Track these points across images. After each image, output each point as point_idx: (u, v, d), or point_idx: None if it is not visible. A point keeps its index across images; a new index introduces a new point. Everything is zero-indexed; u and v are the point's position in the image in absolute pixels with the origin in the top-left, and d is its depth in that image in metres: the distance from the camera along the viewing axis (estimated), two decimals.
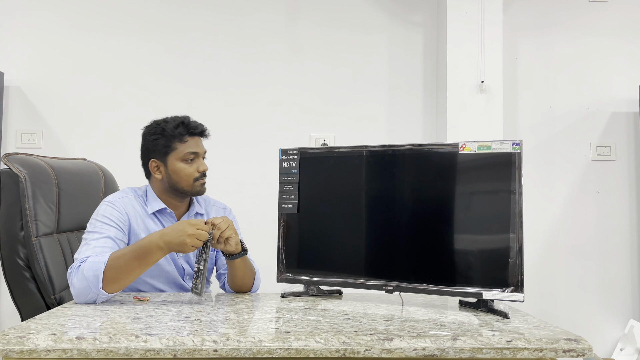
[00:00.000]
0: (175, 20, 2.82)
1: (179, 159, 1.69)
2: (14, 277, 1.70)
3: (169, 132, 1.69)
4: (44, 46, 2.78)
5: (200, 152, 1.73)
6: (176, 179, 1.70)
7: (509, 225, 1.38)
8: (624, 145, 2.89)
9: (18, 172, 1.72)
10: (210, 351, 1.09)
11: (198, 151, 1.71)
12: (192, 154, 1.70)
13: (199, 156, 1.72)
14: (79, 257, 1.51)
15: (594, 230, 2.88)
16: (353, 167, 1.57)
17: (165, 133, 1.70)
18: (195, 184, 1.71)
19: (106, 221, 1.62)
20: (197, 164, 1.71)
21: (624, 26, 2.91)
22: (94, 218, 1.63)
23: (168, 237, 1.46)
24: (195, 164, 1.71)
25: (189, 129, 1.70)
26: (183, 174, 1.69)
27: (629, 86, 2.88)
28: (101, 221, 1.62)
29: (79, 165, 2.05)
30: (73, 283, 1.45)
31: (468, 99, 2.67)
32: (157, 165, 1.72)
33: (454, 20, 2.69)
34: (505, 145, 1.41)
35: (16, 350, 1.08)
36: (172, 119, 1.73)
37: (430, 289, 1.45)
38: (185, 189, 1.71)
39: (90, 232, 1.59)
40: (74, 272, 1.46)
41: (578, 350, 1.11)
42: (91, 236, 1.58)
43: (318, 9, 2.87)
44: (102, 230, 1.59)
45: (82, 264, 1.46)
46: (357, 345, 1.11)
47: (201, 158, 1.73)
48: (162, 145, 1.70)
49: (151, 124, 1.75)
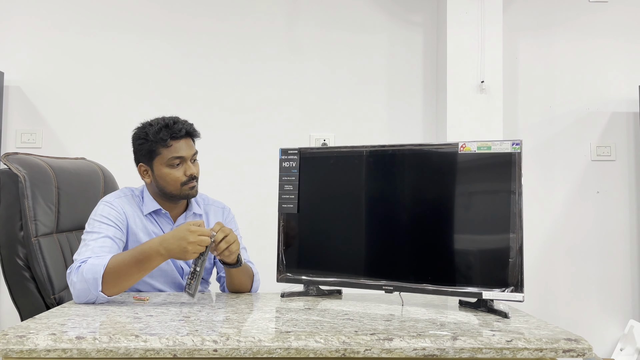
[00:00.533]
0: (176, 21, 2.82)
1: (164, 164, 1.65)
2: (14, 277, 1.70)
3: (152, 138, 1.64)
4: (44, 46, 2.78)
5: (187, 156, 1.66)
6: (163, 184, 1.67)
7: (509, 225, 1.38)
8: (624, 145, 2.89)
9: (17, 172, 1.72)
10: (210, 351, 1.09)
11: (184, 155, 1.65)
12: (177, 159, 1.64)
13: (186, 160, 1.66)
14: (79, 258, 1.50)
15: (593, 230, 2.88)
16: (353, 167, 1.57)
17: (148, 138, 1.65)
18: (184, 188, 1.67)
19: (104, 221, 1.61)
20: (184, 168, 1.66)
21: (624, 26, 2.91)
22: (92, 218, 1.63)
23: (168, 244, 1.42)
24: (182, 168, 1.66)
25: (171, 132, 1.63)
26: (169, 179, 1.65)
27: (629, 86, 2.88)
28: (99, 221, 1.61)
29: (78, 165, 2.04)
30: (73, 283, 1.45)
31: (468, 99, 2.67)
32: (145, 170, 1.69)
33: (454, 20, 2.69)
34: (505, 145, 1.41)
35: (16, 350, 1.08)
36: (156, 121, 1.66)
37: (430, 289, 1.45)
38: (173, 193, 1.67)
39: (89, 232, 1.59)
40: (73, 272, 1.46)
41: (578, 350, 1.11)
42: (90, 236, 1.57)
43: (318, 9, 2.87)
44: (100, 230, 1.58)
45: (82, 265, 1.46)
46: (357, 345, 1.11)
47: (189, 161, 1.67)
48: (146, 150, 1.66)
49: (138, 128, 1.70)
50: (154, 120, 1.68)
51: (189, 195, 1.69)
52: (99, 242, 1.55)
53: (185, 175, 1.66)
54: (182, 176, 1.66)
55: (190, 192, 1.68)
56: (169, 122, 1.65)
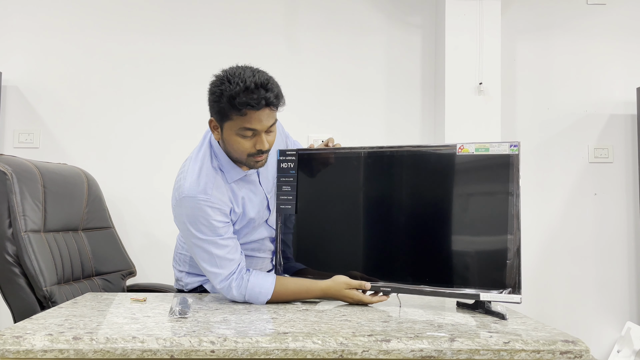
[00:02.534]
0: (174, 22, 2.82)
1: (234, 131, 1.48)
2: (4, 274, 1.71)
3: (226, 101, 1.44)
4: (42, 46, 2.78)
5: (261, 129, 1.47)
6: (229, 148, 1.53)
7: (507, 227, 1.38)
8: (622, 147, 2.90)
9: (4, 170, 1.74)
10: (208, 352, 1.09)
11: (257, 128, 1.46)
12: (249, 131, 1.46)
13: (259, 133, 1.47)
14: (223, 272, 1.52)
15: (591, 232, 2.88)
16: (351, 168, 1.57)
17: (222, 98, 1.45)
18: (249, 159, 1.52)
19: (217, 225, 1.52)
20: (255, 141, 1.48)
21: (622, 29, 2.91)
22: (201, 223, 1.50)
23: (330, 295, 1.53)
24: (253, 140, 1.48)
25: (248, 101, 1.41)
26: (237, 147, 1.50)
27: (626, 88, 2.89)
28: (214, 225, 1.52)
29: (62, 167, 2.09)
30: (233, 297, 1.54)
31: (466, 101, 2.68)
32: (215, 126, 1.54)
33: (452, 22, 2.70)
34: (503, 147, 1.41)
35: (12, 351, 1.08)
36: (236, 79, 1.43)
37: (428, 290, 1.45)
38: (239, 159, 1.55)
39: (205, 240, 1.52)
40: (234, 289, 1.52)
41: (575, 352, 1.11)
42: (212, 247, 1.52)
43: (316, 10, 2.87)
44: (221, 233, 1.53)
45: (240, 282, 1.52)
46: (355, 346, 1.11)
47: (262, 134, 1.48)
48: (218, 109, 1.47)
49: (216, 79, 1.49)
50: (234, 76, 1.45)
51: (254, 167, 1.56)
52: (224, 249, 1.54)
53: (255, 148, 1.50)
54: (251, 148, 1.50)
55: (256, 165, 1.54)
56: (249, 85, 1.42)
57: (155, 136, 2.76)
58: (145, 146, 2.76)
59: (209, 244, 1.53)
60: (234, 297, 1.54)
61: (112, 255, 2.14)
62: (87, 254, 2.02)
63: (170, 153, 2.72)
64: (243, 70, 1.47)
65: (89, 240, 2.06)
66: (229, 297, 1.55)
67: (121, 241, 2.23)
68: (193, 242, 1.54)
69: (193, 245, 1.55)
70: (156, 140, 2.76)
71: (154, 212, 2.69)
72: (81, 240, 2.03)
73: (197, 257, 1.56)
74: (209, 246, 1.53)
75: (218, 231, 1.53)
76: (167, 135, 2.76)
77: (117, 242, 2.20)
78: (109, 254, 2.13)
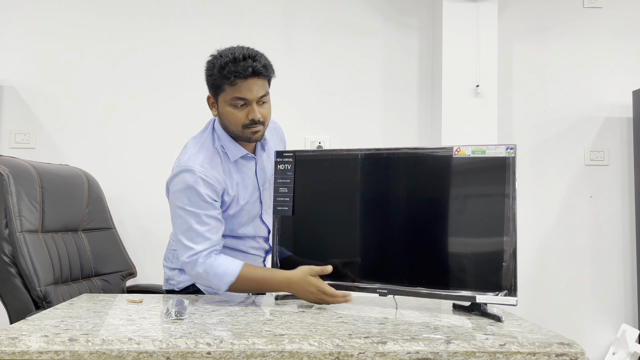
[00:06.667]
0: (172, 22, 2.82)
1: (227, 102, 1.55)
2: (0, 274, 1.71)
3: (216, 72, 1.53)
4: (38, 46, 2.77)
5: (251, 99, 1.53)
6: (225, 122, 1.59)
7: (503, 229, 1.38)
8: (617, 150, 2.91)
9: (1, 170, 1.73)
10: (204, 354, 1.09)
11: (247, 97, 1.53)
12: (240, 100, 1.53)
13: (250, 103, 1.54)
14: (197, 248, 1.52)
15: (587, 235, 2.89)
16: (348, 169, 1.57)
17: (213, 71, 1.54)
18: (245, 131, 1.58)
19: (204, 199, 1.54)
20: (247, 111, 1.54)
21: (618, 32, 2.93)
22: (191, 193, 1.53)
23: (294, 290, 1.51)
24: (246, 110, 1.55)
25: (236, 70, 1.50)
26: (231, 119, 1.57)
27: (622, 91, 2.90)
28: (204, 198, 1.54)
29: (62, 168, 2.08)
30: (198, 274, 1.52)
31: (463, 103, 2.68)
32: (213, 102, 1.62)
33: (449, 25, 2.70)
34: (499, 150, 1.41)
35: (8, 352, 1.08)
36: (226, 52, 1.55)
37: (424, 292, 1.45)
38: (235, 133, 1.60)
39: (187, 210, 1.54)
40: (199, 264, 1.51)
41: (571, 354, 1.12)
42: (193, 218, 1.53)
43: (314, 11, 2.87)
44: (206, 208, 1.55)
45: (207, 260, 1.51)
46: (351, 348, 1.11)
47: (254, 104, 1.55)
48: (212, 83, 1.57)
49: (211, 56, 1.60)
50: (225, 51, 1.57)
51: (251, 140, 1.61)
52: (204, 226, 1.54)
53: (248, 118, 1.56)
54: (244, 119, 1.56)
55: (253, 136, 1.59)
56: (238, 56, 1.52)
57: (155, 136, 2.75)
58: (145, 146, 2.75)
59: (192, 216, 1.54)
60: (198, 274, 1.53)
61: (112, 255, 2.14)
62: (86, 255, 2.01)
63: (170, 153, 2.70)
64: (234, 47, 1.59)
65: (89, 241, 2.06)
66: (192, 274, 1.55)
67: (122, 242, 2.23)
68: (177, 212, 1.56)
69: (176, 215, 1.57)
70: (156, 140, 2.75)
71: (154, 212, 2.68)
72: (81, 240, 2.03)
73: (176, 227, 1.57)
74: (192, 219, 1.54)
75: (204, 206, 1.55)
76: (167, 135, 2.75)
77: (118, 242, 2.19)
78: (109, 254, 2.13)
